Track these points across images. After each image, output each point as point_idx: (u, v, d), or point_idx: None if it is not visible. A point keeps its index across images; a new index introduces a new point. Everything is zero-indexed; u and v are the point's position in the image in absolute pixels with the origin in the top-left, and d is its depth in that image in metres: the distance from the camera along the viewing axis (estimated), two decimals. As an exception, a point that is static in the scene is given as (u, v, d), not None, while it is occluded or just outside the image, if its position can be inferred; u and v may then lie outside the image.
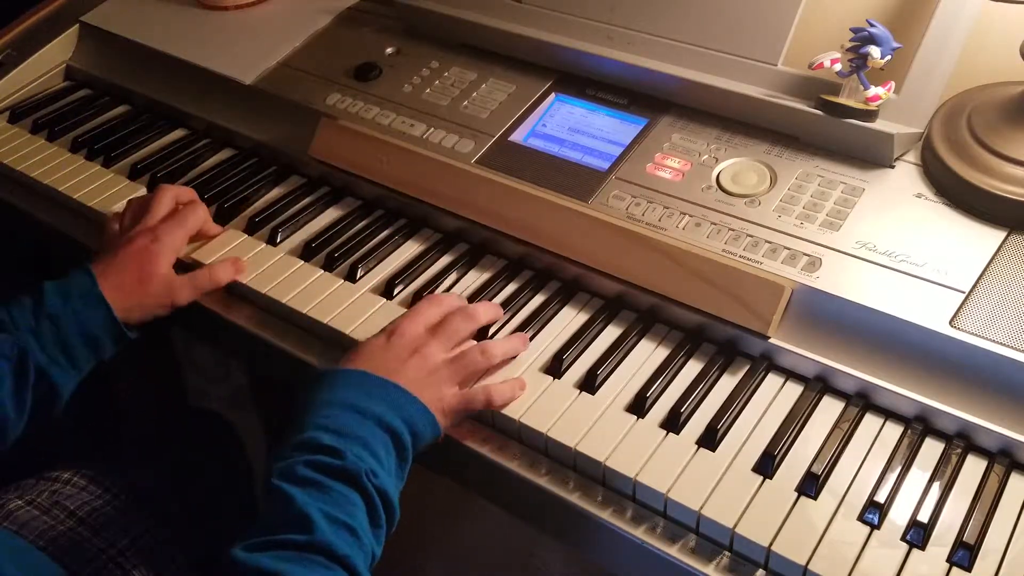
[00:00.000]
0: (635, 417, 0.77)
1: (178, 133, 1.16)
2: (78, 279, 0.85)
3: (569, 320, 0.87)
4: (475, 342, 0.83)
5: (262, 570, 0.61)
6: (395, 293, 0.90)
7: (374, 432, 0.71)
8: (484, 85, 1.04)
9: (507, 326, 0.86)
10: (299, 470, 0.67)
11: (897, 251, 0.80)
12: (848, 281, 0.79)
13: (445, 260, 0.94)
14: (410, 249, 0.96)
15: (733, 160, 0.91)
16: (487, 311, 0.85)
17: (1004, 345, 0.72)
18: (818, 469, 0.71)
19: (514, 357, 0.83)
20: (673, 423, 0.76)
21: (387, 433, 0.72)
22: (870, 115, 0.86)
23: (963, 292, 0.76)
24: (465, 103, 1.03)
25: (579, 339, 0.84)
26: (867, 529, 0.68)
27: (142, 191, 1.06)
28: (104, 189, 1.06)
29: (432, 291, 0.89)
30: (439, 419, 0.76)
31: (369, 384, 0.75)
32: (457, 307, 0.85)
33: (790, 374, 0.80)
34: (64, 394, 0.82)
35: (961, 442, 0.73)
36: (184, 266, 0.94)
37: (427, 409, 0.75)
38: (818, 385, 0.78)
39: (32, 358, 0.79)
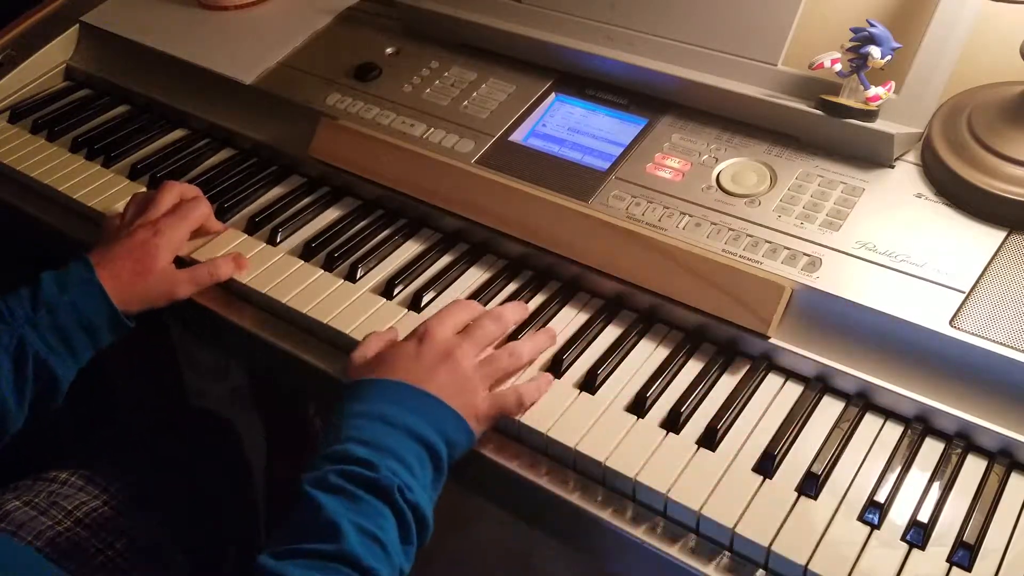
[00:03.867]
0: (635, 417, 0.77)
1: (178, 133, 1.16)
2: (76, 269, 0.85)
3: (569, 320, 0.87)
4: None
5: None
6: (395, 293, 0.90)
7: (408, 445, 0.70)
8: (484, 85, 1.04)
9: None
10: (331, 479, 0.66)
11: (897, 251, 0.80)
12: (848, 281, 0.79)
13: (445, 260, 0.94)
14: (410, 249, 0.96)
15: (733, 160, 0.91)
16: (514, 312, 0.84)
17: (1004, 345, 0.72)
18: (818, 469, 0.71)
19: (542, 352, 0.82)
20: (673, 423, 0.76)
21: (422, 445, 0.70)
22: (870, 115, 0.86)
23: (963, 292, 0.76)
24: (465, 103, 1.03)
25: (579, 339, 0.83)
26: (867, 529, 0.68)
27: (142, 191, 1.05)
28: (104, 189, 1.06)
29: (432, 291, 0.89)
30: (473, 426, 0.75)
31: (402, 395, 0.73)
32: (485, 310, 0.84)
33: (790, 374, 0.80)
34: (64, 383, 0.82)
35: (961, 442, 0.73)
36: (184, 264, 0.94)
37: (461, 417, 0.74)
38: (818, 385, 0.78)
39: (30, 348, 0.79)
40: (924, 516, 0.68)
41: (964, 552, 0.66)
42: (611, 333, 0.85)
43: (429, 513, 0.69)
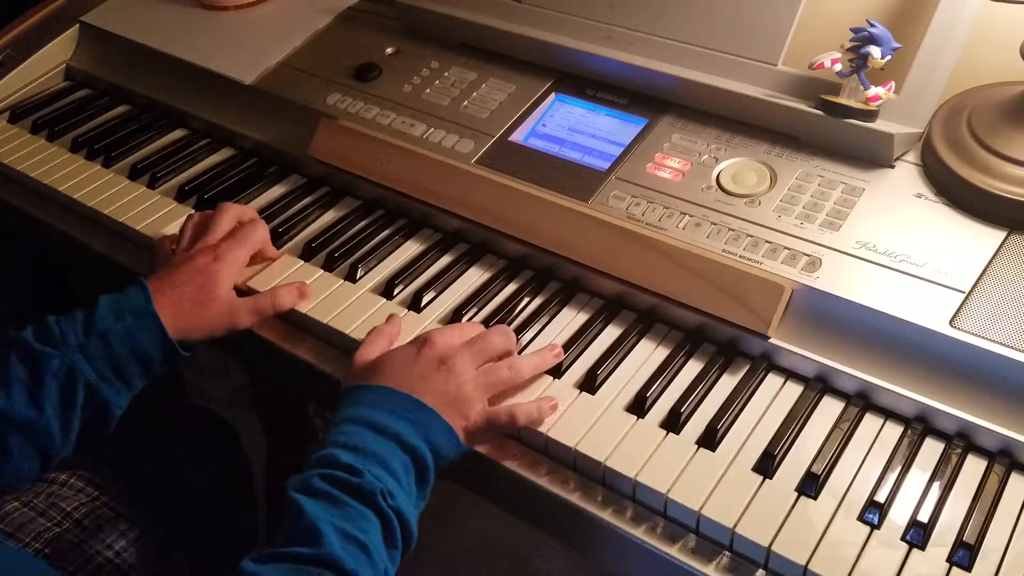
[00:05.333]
0: (635, 417, 0.77)
1: (178, 133, 1.15)
2: (133, 295, 0.82)
3: (569, 320, 0.87)
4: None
5: None
6: (395, 293, 0.90)
7: (394, 451, 0.70)
8: (484, 85, 1.04)
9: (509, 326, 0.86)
10: (315, 483, 0.66)
11: (897, 251, 0.80)
12: (848, 281, 0.79)
13: (445, 260, 0.94)
14: (410, 249, 0.96)
15: (733, 160, 0.91)
16: (510, 335, 0.82)
17: (1004, 345, 0.72)
18: (818, 469, 0.71)
19: (543, 371, 0.81)
20: (673, 423, 0.76)
21: (408, 453, 0.70)
22: (870, 115, 0.86)
23: (963, 292, 0.76)
24: (465, 103, 1.03)
25: (579, 339, 0.83)
26: (867, 529, 0.68)
27: (142, 191, 1.06)
28: (104, 189, 1.06)
29: (432, 291, 0.89)
30: (463, 438, 0.75)
31: (392, 402, 0.73)
32: (494, 327, 0.83)
33: (790, 374, 0.80)
34: (116, 411, 0.79)
35: (961, 442, 0.73)
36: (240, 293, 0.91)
37: (451, 428, 0.73)
38: (818, 385, 0.78)
39: (81, 376, 0.76)
40: (924, 516, 0.68)
41: (964, 552, 0.66)
42: (611, 333, 0.85)
43: (413, 520, 0.69)
